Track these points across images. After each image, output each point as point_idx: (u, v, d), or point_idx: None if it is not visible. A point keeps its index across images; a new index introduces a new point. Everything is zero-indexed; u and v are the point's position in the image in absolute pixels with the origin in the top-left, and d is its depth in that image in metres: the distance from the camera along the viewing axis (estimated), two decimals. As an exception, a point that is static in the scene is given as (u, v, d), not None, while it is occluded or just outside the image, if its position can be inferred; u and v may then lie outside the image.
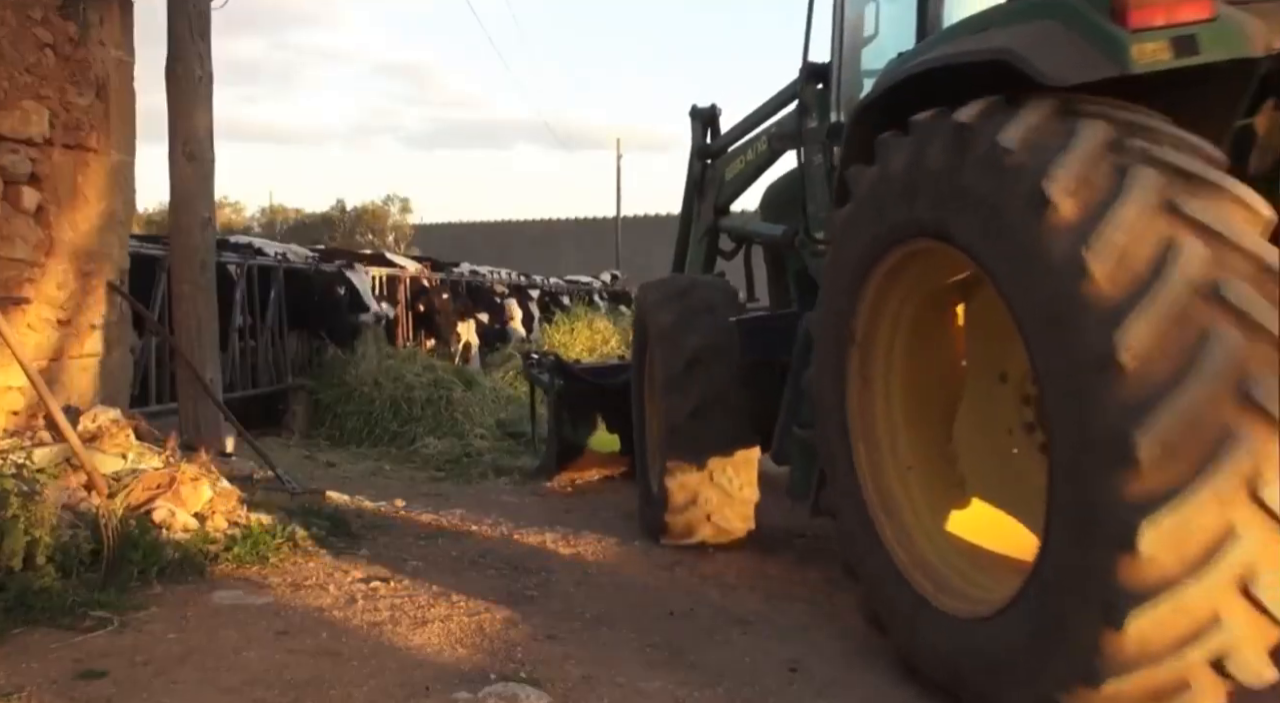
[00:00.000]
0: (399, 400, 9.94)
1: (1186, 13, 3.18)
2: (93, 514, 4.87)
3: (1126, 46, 3.16)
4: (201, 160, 7.13)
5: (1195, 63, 3.17)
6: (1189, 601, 2.85)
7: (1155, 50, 3.16)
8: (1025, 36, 3.36)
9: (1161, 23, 3.18)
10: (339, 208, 52.82)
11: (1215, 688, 2.99)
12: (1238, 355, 2.80)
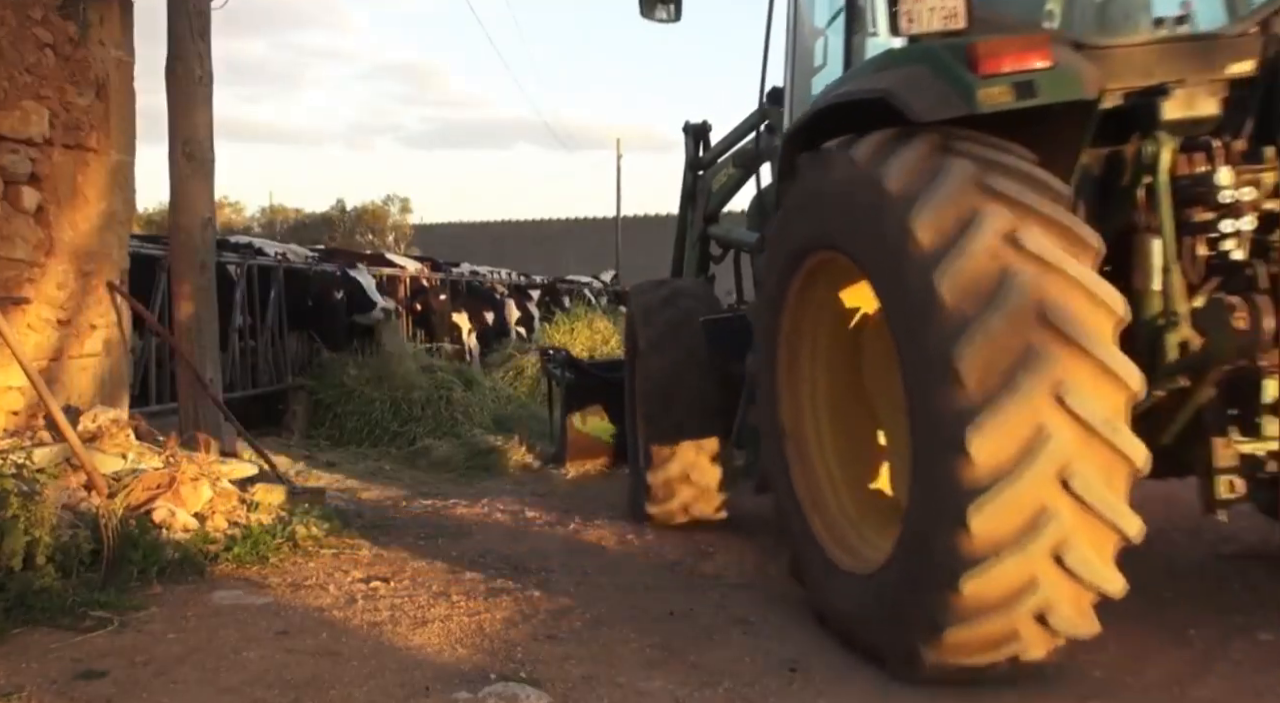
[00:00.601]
0: (399, 401, 9.94)
1: (1028, 61, 3.73)
2: (93, 514, 4.87)
3: (975, 90, 3.71)
4: (201, 160, 7.12)
5: (1034, 104, 3.70)
6: (1012, 566, 3.41)
7: (999, 93, 3.70)
8: (902, 79, 3.97)
9: (1007, 70, 3.72)
10: (339, 208, 52.79)
11: (1042, 639, 3.57)
12: (1035, 288, 3.39)
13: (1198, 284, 3.89)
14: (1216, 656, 4.12)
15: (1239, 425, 3.85)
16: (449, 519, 6.47)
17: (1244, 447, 3.84)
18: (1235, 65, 4.12)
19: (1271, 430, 3.78)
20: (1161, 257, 3.84)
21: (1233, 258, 3.85)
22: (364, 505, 6.75)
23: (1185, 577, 5.21)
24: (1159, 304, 3.82)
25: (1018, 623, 3.51)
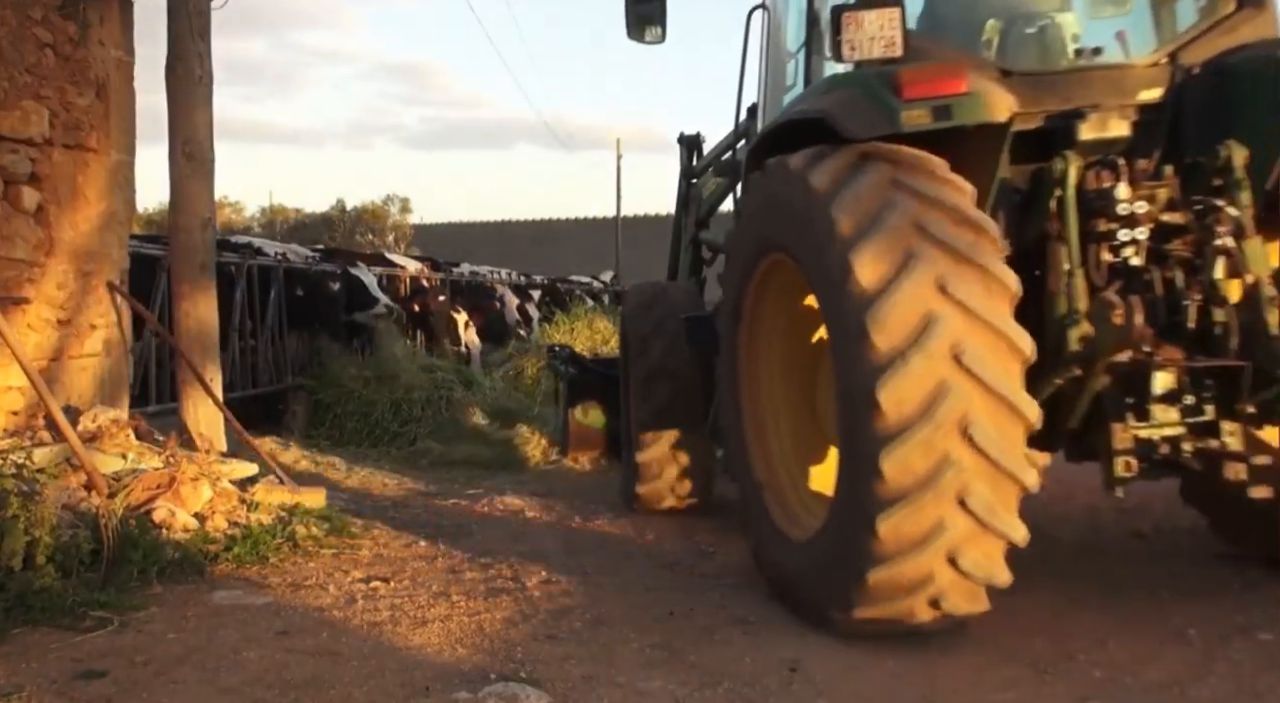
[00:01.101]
0: (399, 401, 9.94)
1: (945, 88, 4.27)
2: (93, 514, 4.87)
3: (898, 112, 4.25)
4: (201, 160, 7.12)
5: (949, 125, 4.25)
6: (920, 508, 3.82)
7: (918, 116, 4.25)
8: (837, 102, 4.55)
9: (926, 95, 4.25)
10: (339, 208, 52.80)
11: (958, 584, 3.97)
12: (936, 267, 3.89)
13: (1103, 286, 4.34)
14: (1216, 656, 4.12)
15: (1134, 412, 4.30)
16: (449, 519, 6.47)
17: (1138, 431, 4.30)
18: (1145, 92, 4.69)
19: (1162, 417, 4.30)
20: (1067, 261, 4.35)
21: (1132, 263, 4.36)
22: (364, 505, 6.74)
23: (1185, 577, 5.21)
24: (1065, 303, 4.32)
25: (932, 565, 3.90)
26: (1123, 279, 4.36)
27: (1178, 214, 4.42)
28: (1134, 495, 7.07)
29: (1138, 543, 5.91)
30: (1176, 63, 4.76)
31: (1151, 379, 4.25)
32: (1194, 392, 4.32)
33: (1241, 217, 4.28)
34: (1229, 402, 4.29)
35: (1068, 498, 6.97)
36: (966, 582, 3.97)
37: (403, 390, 10.05)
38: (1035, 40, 5.05)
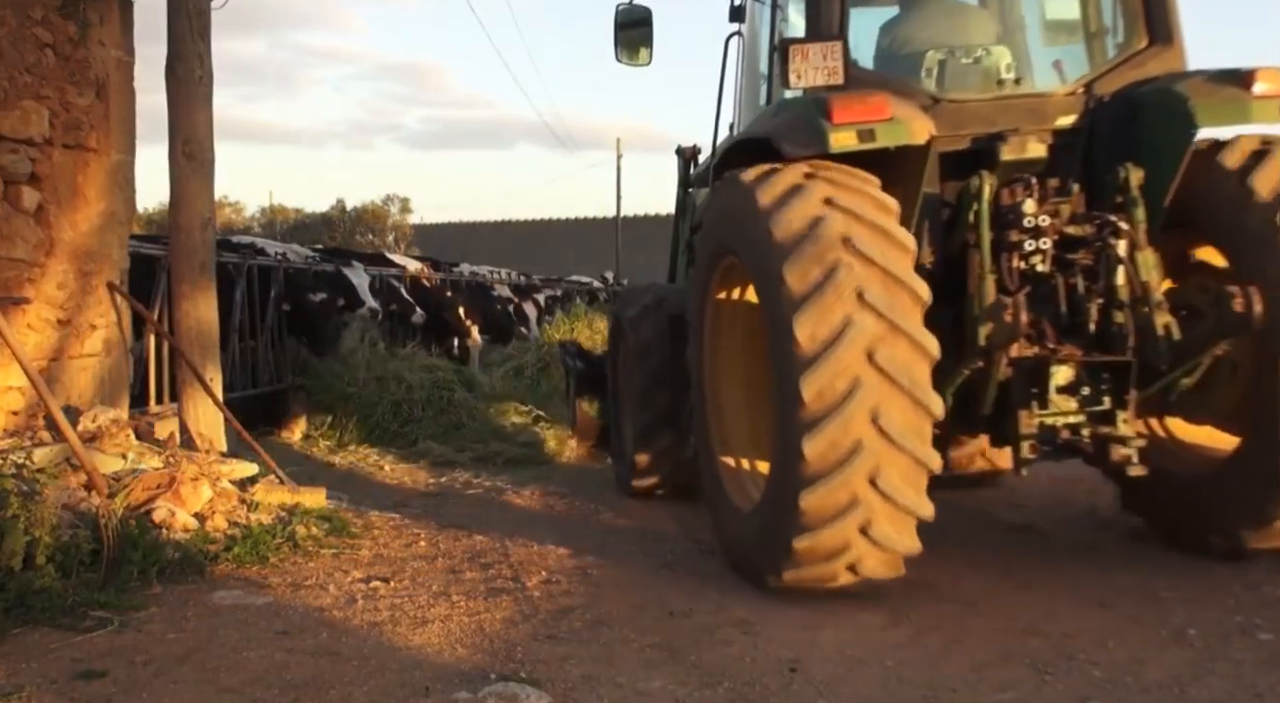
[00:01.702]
0: (400, 402, 9.94)
1: (870, 114, 4.81)
2: (93, 514, 4.87)
3: (827, 135, 4.78)
4: (201, 160, 7.11)
5: (872, 147, 4.79)
6: (837, 485, 4.38)
7: (846, 138, 4.78)
8: (782, 124, 5.20)
9: (853, 120, 4.78)
10: (339, 208, 52.85)
11: (872, 552, 4.52)
12: (857, 277, 4.42)
13: (1014, 290, 4.91)
14: (1216, 656, 4.13)
15: (1039, 401, 4.93)
16: (449, 519, 6.47)
17: (1043, 419, 4.93)
18: (1062, 118, 5.32)
19: (1063, 406, 4.94)
20: (979, 267, 4.94)
21: (1038, 270, 4.98)
22: (364, 505, 6.74)
23: (1185, 577, 5.21)
24: (977, 304, 4.89)
25: (847, 535, 4.46)
26: (1030, 284, 4.97)
27: (1080, 227, 5.01)
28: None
29: (1138, 543, 5.90)
30: (1091, 92, 5.37)
31: (1052, 372, 4.92)
32: (1091, 384, 4.94)
33: (1135, 231, 4.91)
34: (1121, 393, 4.90)
35: (1068, 498, 6.98)
36: (880, 551, 4.55)
37: (403, 391, 10.04)
38: (968, 71, 5.62)
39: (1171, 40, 5.42)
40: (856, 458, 4.36)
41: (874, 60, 5.83)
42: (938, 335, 4.59)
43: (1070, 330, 4.96)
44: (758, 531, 4.89)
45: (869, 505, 4.41)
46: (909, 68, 5.63)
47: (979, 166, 5.09)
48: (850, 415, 4.34)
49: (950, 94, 5.40)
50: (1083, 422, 4.95)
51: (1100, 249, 4.95)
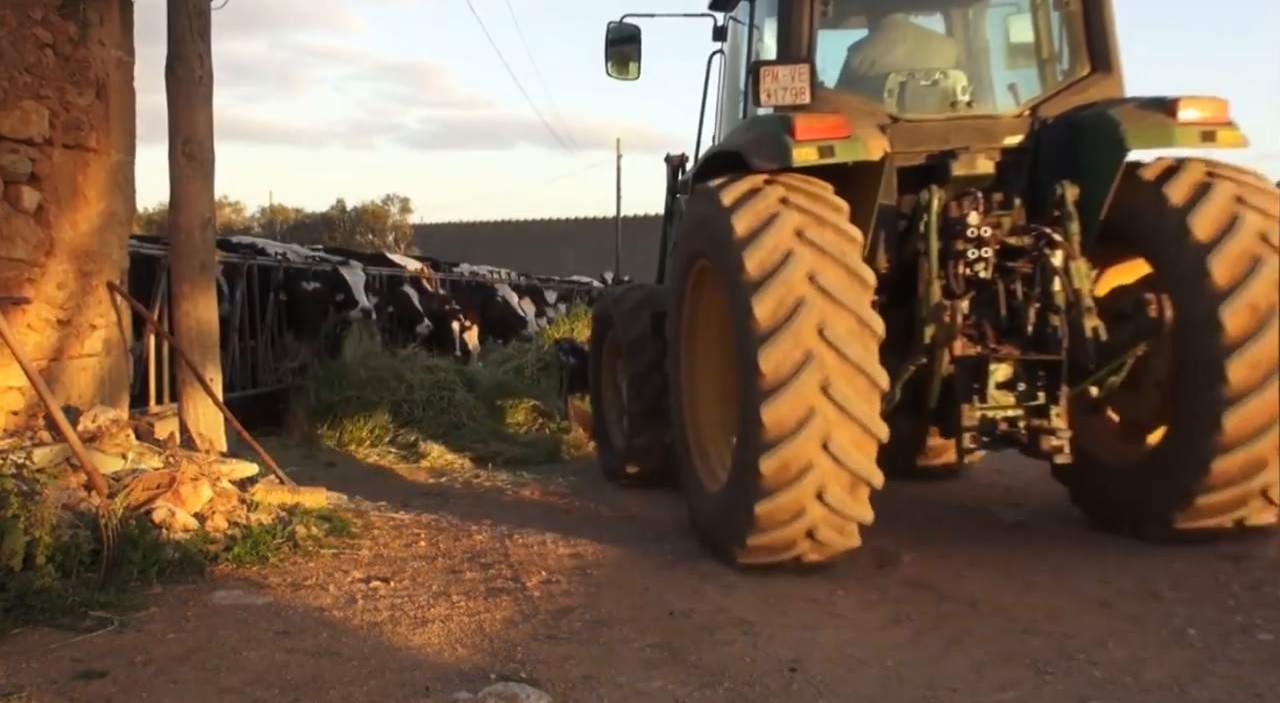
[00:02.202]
0: (400, 402, 9.93)
1: (830, 131, 5.28)
2: (93, 514, 4.87)
3: (791, 150, 5.25)
4: (201, 160, 7.11)
5: (831, 162, 5.24)
6: (792, 450, 4.80)
7: (807, 153, 5.24)
8: (752, 139, 5.72)
9: (814, 137, 5.25)
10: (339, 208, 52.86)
11: (827, 518, 4.94)
12: (808, 263, 4.91)
13: (960, 294, 5.46)
14: (1216, 656, 4.13)
15: (979, 396, 5.41)
16: (449, 519, 6.47)
17: (983, 411, 5.42)
18: (1010, 138, 5.79)
19: (1001, 400, 5.41)
20: (928, 273, 5.43)
21: (981, 276, 5.49)
22: (364, 505, 6.74)
23: (1185, 577, 5.21)
24: (924, 306, 5.41)
25: (804, 499, 4.86)
26: (974, 289, 5.51)
27: (1020, 238, 5.52)
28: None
29: (1138, 543, 5.90)
30: (1037, 115, 5.86)
31: (992, 370, 5.40)
32: (1027, 380, 5.43)
33: (1070, 242, 5.39)
34: (1054, 389, 5.38)
35: (1068, 498, 6.97)
36: (835, 517, 4.95)
37: (404, 391, 10.04)
38: (926, 92, 6.07)
39: (1111, 68, 5.91)
40: (809, 423, 4.78)
41: (841, 80, 6.27)
42: (892, 334, 5.10)
43: (1009, 331, 5.47)
44: (724, 506, 5.33)
45: (822, 469, 4.82)
46: (872, 88, 6.09)
47: (932, 181, 5.57)
48: (803, 384, 4.78)
49: (908, 114, 5.88)
50: (1019, 415, 5.43)
51: (1038, 258, 5.44)
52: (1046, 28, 6.16)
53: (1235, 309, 5.02)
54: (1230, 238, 5.10)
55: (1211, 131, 5.39)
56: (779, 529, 4.96)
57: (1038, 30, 6.20)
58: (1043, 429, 5.37)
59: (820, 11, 5.87)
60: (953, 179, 5.57)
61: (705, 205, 5.51)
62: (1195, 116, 5.39)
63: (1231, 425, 5.02)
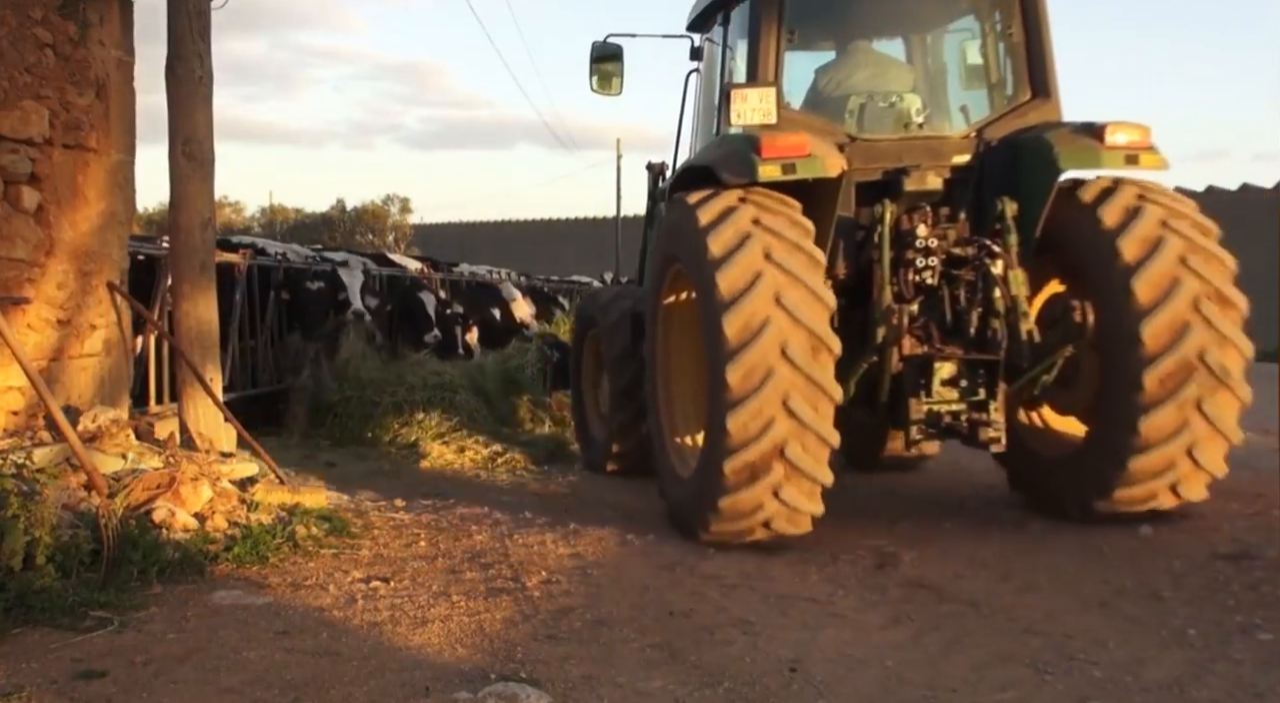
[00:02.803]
0: (401, 403, 9.92)
1: (791, 150, 5.76)
2: (93, 514, 4.86)
3: (757, 167, 5.75)
4: (201, 160, 7.11)
5: (793, 178, 5.75)
6: (756, 408, 5.30)
7: (771, 170, 5.73)
8: (722, 155, 6.23)
9: (777, 155, 5.74)
10: (339, 208, 52.82)
11: (790, 476, 5.38)
12: (775, 285, 5.38)
13: (909, 298, 6.01)
14: (1216, 656, 4.13)
15: (925, 391, 5.95)
16: (449, 519, 6.47)
17: (929, 405, 5.97)
18: (958, 157, 6.33)
19: (945, 395, 5.97)
20: (880, 279, 5.95)
21: (928, 283, 6.02)
22: (364, 505, 6.74)
23: (1185, 577, 5.21)
24: (876, 309, 5.93)
25: (768, 457, 5.33)
26: (921, 294, 6.04)
27: (964, 249, 6.05)
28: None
29: (1138, 543, 5.90)
30: (982, 136, 6.40)
31: (937, 368, 5.94)
32: (968, 378, 5.97)
33: (1009, 253, 5.92)
34: (992, 385, 5.93)
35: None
36: (797, 475, 5.38)
37: (405, 391, 10.03)
38: (883, 114, 6.61)
39: (1050, 94, 6.44)
40: (770, 381, 5.32)
41: (807, 101, 6.77)
42: (848, 334, 5.69)
43: (953, 333, 6.01)
44: (693, 493, 5.83)
45: (784, 426, 5.32)
46: (834, 109, 6.62)
47: (886, 196, 6.10)
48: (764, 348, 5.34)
49: (866, 134, 6.42)
50: (962, 409, 5.99)
51: (980, 268, 5.96)
52: (995, 55, 6.68)
53: (1154, 326, 5.57)
54: (1153, 260, 5.63)
55: (1135, 155, 5.94)
56: (746, 488, 5.43)
57: (986, 57, 6.72)
58: (981, 422, 5.93)
59: (787, 38, 6.37)
60: (905, 194, 6.12)
61: (682, 217, 5.93)
62: (1121, 141, 5.92)
63: (1146, 429, 5.61)
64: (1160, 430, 5.63)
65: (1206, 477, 5.83)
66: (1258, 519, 6.34)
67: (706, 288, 5.57)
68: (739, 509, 5.49)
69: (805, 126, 6.12)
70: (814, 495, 5.47)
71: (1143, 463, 5.71)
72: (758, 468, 5.36)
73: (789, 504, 5.44)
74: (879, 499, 7.22)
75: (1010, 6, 6.53)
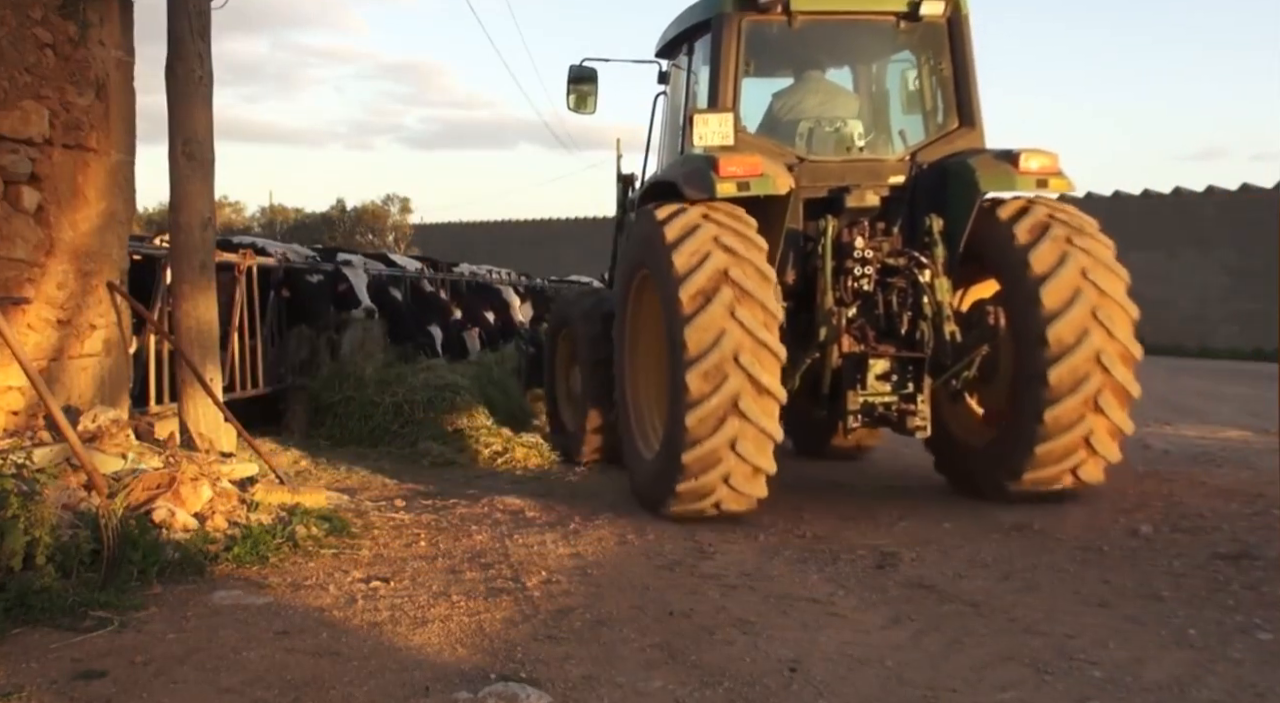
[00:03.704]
0: (401, 403, 9.91)
1: (747, 170, 6.50)
2: (93, 514, 4.86)
3: (715, 184, 6.49)
4: (201, 160, 7.11)
5: (748, 195, 6.48)
6: (711, 408, 6.04)
7: (728, 187, 6.47)
8: (685, 172, 6.91)
9: (734, 174, 6.48)
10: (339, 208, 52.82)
11: (739, 465, 6.14)
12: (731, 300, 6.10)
13: (848, 302, 6.79)
14: (1216, 656, 4.13)
15: (860, 385, 6.73)
16: (449, 519, 6.47)
17: (864, 397, 6.74)
18: (893, 177, 7.12)
19: (878, 389, 6.74)
20: (823, 285, 6.74)
21: (864, 289, 6.79)
22: (364, 505, 6.74)
23: (1185, 577, 5.21)
24: (819, 312, 6.73)
25: (720, 448, 6.08)
26: (859, 299, 6.81)
27: (897, 259, 6.82)
28: (1134, 495, 7.13)
29: (1138, 543, 5.90)
30: (915, 159, 7.19)
31: (871, 364, 6.72)
32: (899, 373, 6.76)
33: (935, 264, 6.71)
34: (919, 380, 6.72)
35: (1067, 498, 6.97)
36: (745, 464, 6.13)
37: (405, 392, 10.02)
38: (829, 138, 7.39)
39: (974, 124, 7.28)
40: (724, 386, 6.03)
41: (762, 124, 7.51)
42: (795, 333, 6.63)
43: (886, 334, 6.79)
44: (655, 476, 6.57)
45: (734, 423, 6.04)
46: (786, 133, 7.39)
47: (829, 211, 6.86)
48: (720, 355, 6.01)
49: (813, 155, 7.19)
50: (893, 401, 6.76)
51: (910, 276, 6.73)
52: (929, 87, 7.47)
53: (1058, 329, 6.33)
54: (1059, 272, 6.41)
55: (1045, 179, 6.76)
56: (701, 476, 6.14)
57: (922, 88, 7.53)
58: (909, 412, 6.74)
59: (745, 68, 7.11)
60: (846, 210, 6.86)
61: (650, 230, 6.59)
62: (1034, 167, 6.71)
63: (1051, 419, 6.36)
64: (1062, 421, 6.37)
65: (1103, 462, 6.56)
66: (1258, 519, 6.35)
67: (670, 298, 6.23)
68: (695, 493, 6.24)
69: (759, 148, 6.88)
70: (759, 482, 6.21)
71: (1048, 449, 6.43)
72: (712, 459, 6.10)
73: (738, 489, 6.20)
74: (879, 499, 7.23)
75: (940, 46, 7.33)
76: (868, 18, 7.42)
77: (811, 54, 7.71)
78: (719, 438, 6.04)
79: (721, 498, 6.26)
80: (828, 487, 7.79)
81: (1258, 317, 20.40)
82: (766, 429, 6.09)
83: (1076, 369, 6.33)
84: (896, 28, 7.37)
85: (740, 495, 6.25)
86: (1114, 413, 6.40)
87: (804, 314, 6.86)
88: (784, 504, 6.82)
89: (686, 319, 6.07)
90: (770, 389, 6.07)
